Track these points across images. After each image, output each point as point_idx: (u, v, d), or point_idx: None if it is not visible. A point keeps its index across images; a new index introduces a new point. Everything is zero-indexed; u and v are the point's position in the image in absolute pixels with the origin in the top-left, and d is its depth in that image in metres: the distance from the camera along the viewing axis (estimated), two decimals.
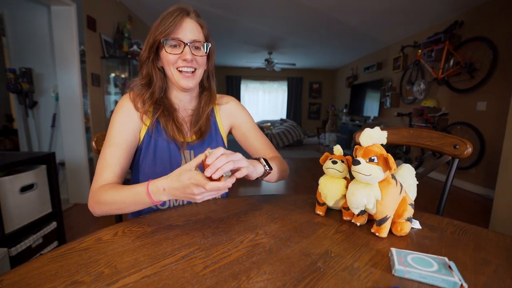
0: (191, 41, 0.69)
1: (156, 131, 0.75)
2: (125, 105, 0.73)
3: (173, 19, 0.67)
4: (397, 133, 0.93)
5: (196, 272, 0.42)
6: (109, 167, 0.66)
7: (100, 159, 0.67)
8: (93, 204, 0.62)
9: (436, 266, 0.43)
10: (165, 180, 0.53)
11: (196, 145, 0.79)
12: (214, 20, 3.69)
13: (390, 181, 0.55)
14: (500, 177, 1.92)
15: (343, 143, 5.62)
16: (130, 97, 0.74)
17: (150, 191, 0.54)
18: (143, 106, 0.73)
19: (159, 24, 0.68)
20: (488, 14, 2.99)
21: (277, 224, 0.61)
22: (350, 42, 4.93)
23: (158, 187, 0.53)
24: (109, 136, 0.70)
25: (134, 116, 0.73)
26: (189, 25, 0.69)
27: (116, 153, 0.68)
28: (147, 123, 0.74)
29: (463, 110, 3.29)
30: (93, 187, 0.64)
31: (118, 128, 0.70)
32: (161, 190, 0.53)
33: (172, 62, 0.70)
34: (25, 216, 1.37)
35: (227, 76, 7.78)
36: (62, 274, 0.41)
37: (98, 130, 2.69)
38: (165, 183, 0.53)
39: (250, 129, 0.88)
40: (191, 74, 0.72)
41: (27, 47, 2.38)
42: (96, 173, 0.66)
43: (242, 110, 0.90)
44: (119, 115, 0.71)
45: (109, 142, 0.69)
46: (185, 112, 0.81)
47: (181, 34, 0.68)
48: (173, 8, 0.69)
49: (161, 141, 0.75)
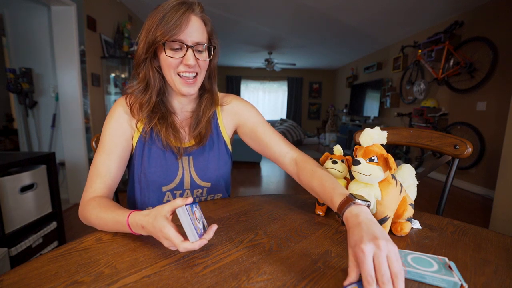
0: (194, 43, 0.63)
1: (150, 139, 0.71)
2: (119, 110, 0.69)
3: (177, 18, 0.60)
4: (397, 133, 0.93)
5: (196, 272, 0.42)
6: (99, 177, 0.63)
7: (92, 166, 0.65)
8: (82, 216, 0.60)
9: (436, 266, 0.43)
10: (144, 217, 0.48)
11: (195, 152, 0.74)
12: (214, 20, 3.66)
13: (390, 181, 0.55)
14: (500, 177, 1.92)
15: (343, 143, 5.62)
16: (127, 102, 0.70)
17: (131, 224, 0.50)
18: (140, 112, 0.68)
19: (160, 22, 0.60)
20: (488, 14, 2.99)
21: (277, 224, 0.61)
22: (350, 42, 4.92)
23: (138, 223, 0.49)
24: (101, 143, 0.67)
25: (127, 122, 0.69)
26: (194, 25, 0.62)
27: (106, 162, 0.64)
28: (140, 129, 0.70)
29: (463, 110, 3.29)
30: (83, 197, 0.62)
31: (109, 135, 0.67)
32: (140, 226, 0.48)
33: (173, 67, 0.64)
34: (25, 216, 1.37)
35: (227, 76, 7.79)
36: (62, 274, 0.41)
37: (98, 130, 2.69)
38: (144, 221, 0.48)
39: (258, 124, 0.77)
40: (192, 80, 0.67)
41: (27, 47, 2.38)
42: (87, 182, 0.63)
43: (246, 105, 0.81)
44: (112, 122, 0.68)
45: (101, 150, 0.66)
46: (183, 115, 0.76)
47: (184, 35, 0.61)
48: (175, 1, 0.62)
49: (154, 148, 0.71)
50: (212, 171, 0.76)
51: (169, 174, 0.72)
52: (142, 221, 0.48)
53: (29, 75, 2.33)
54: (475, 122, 3.11)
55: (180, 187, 0.74)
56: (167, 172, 0.71)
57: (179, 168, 0.73)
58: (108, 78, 2.90)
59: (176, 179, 0.73)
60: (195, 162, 0.74)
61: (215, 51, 0.70)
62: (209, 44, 0.68)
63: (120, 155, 0.67)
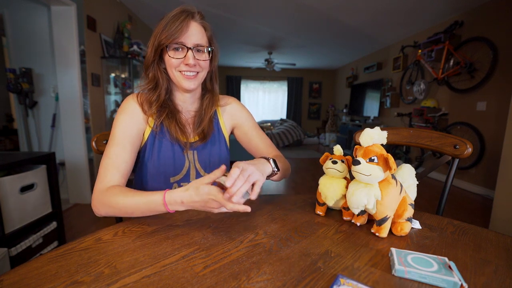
0: (194, 45, 0.70)
1: (161, 132, 0.76)
2: (131, 106, 0.74)
3: (179, 23, 0.67)
4: (397, 133, 0.93)
5: (196, 272, 0.42)
6: (114, 167, 0.66)
7: (104, 158, 0.67)
8: (99, 205, 0.61)
9: (436, 266, 0.43)
10: (183, 193, 0.53)
11: (199, 147, 0.81)
12: (214, 20, 3.68)
13: (390, 181, 0.55)
14: (500, 177, 1.92)
15: (343, 143, 5.62)
16: (138, 99, 0.75)
17: (167, 202, 0.54)
18: (150, 108, 0.74)
19: (164, 28, 0.68)
20: (488, 14, 2.98)
21: (277, 224, 0.61)
22: (350, 42, 4.92)
23: (176, 200, 0.54)
24: (113, 135, 0.70)
25: (139, 117, 0.74)
26: (193, 29, 0.70)
27: (121, 153, 0.68)
28: (151, 125, 0.75)
29: (463, 110, 3.29)
30: (97, 187, 0.63)
31: (122, 128, 0.71)
32: (179, 202, 0.53)
33: (175, 66, 0.71)
34: (25, 216, 1.37)
35: (227, 76, 7.78)
36: (62, 274, 0.41)
37: (98, 130, 2.69)
38: (183, 196, 0.53)
39: (252, 129, 0.89)
40: (193, 76, 0.73)
41: (27, 47, 2.38)
42: (100, 173, 0.65)
43: (244, 110, 0.91)
44: (124, 116, 0.72)
45: (113, 142, 0.69)
46: (188, 113, 0.82)
47: (184, 38, 0.69)
48: (177, 10, 0.70)
49: (165, 142, 0.76)
50: (214, 165, 0.83)
51: (177, 166, 0.78)
52: (182, 197, 0.53)
53: (29, 75, 2.33)
54: (475, 122, 3.11)
55: (186, 179, 0.80)
56: (175, 164, 0.78)
57: (185, 160, 0.79)
58: (108, 78, 2.89)
59: (183, 171, 0.79)
60: (199, 155, 0.81)
61: (214, 53, 0.77)
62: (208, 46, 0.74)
63: (133, 147, 0.72)
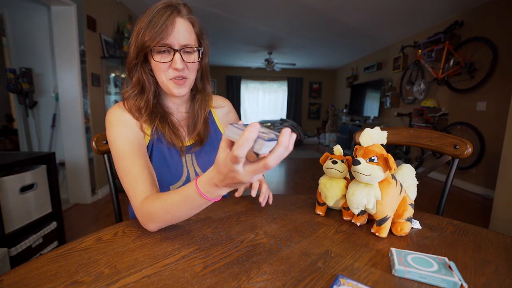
0: (181, 46, 0.63)
1: (158, 139, 0.72)
2: (121, 116, 0.68)
3: (163, 21, 0.60)
4: (397, 133, 0.93)
5: (196, 272, 0.42)
6: (137, 179, 0.59)
7: (122, 178, 0.61)
8: (145, 221, 0.56)
9: (436, 266, 0.43)
10: (210, 174, 0.45)
11: (197, 151, 0.77)
12: (214, 20, 3.69)
13: (390, 181, 0.55)
14: (500, 177, 1.92)
15: (343, 143, 5.62)
16: (126, 107, 0.68)
17: (202, 190, 0.47)
18: (140, 115, 0.68)
19: (148, 26, 0.60)
20: (488, 14, 2.98)
21: (277, 224, 0.61)
22: (350, 42, 4.92)
23: (209, 183, 0.45)
24: (116, 150, 0.63)
25: (133, 124, 0.68)
26: (180, 27, 0.62)
27: (135, 162, 0.61)
28: (148, 132, 0.70)
29: (463, 110, 3.29)
30: (135, 205, 0.58)
31: (122, 139, 0.64)
32: (213, 186, 0.45)
33: (163, 71, 0.65)
34: (25, 216, 1.37)
35: (227, 76, 7.78)
36: (62, 274, 0.41)
37: (98, 130, 2.69)
38: (214, 178, 0.44)
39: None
40: (183, 81, 0.67)
41: (27, 47, 2.38)
42: (128, 192, 0.59)
43: (235, 113, 0.91)
44: (117, 128, 0.65)
45: (120, 156, 0.62)
46: (179, 115, 0.77)
47: (171, 39, 0.61)
48: (161, 4, 0.62)
49: (162, 147, 0.72)
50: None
51: (175, 173, 0.73)
52: (213, 179, 0.44)
53: (29, 75, 2.33)
54: (475, 122, 3.11)
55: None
56: (173, 171, 0.73)
57: (182, 166, 0.74)
58: (108, 78, 2.89)
59: (183, 177, 0.74)
60: (197, 157, 0.76)
61: (205, 51, 0.71)
62: (198, 45, 0.68)
63: (143, 151, 0.66)
